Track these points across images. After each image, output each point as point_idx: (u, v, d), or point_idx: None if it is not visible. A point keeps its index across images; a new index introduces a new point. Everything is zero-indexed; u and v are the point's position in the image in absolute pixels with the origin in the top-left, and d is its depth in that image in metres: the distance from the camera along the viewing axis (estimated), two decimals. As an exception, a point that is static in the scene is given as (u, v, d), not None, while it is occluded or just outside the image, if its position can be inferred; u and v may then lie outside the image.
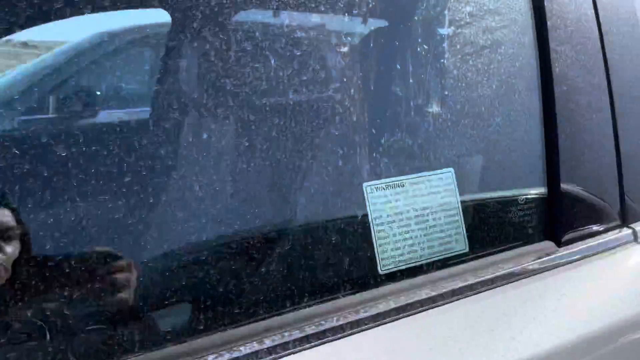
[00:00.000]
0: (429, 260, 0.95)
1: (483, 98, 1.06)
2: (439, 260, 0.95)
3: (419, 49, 1.01)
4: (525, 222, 1.06)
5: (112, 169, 0.74)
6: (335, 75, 0.91)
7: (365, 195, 0.91)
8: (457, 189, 0.98)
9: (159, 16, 0.87)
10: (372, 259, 0.90)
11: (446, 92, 1.01)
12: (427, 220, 0.96)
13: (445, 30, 1.06)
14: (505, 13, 1.14)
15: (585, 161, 1.14)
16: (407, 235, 0.93)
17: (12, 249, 0.65)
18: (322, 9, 0.92)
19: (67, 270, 0.68)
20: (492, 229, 1.03)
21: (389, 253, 0.91)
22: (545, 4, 1.15)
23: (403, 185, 0.94)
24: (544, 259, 1.04)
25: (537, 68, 1.13)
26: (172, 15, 0.88)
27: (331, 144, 0.89)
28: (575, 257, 1.07)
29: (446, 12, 1.06)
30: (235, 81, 0.82)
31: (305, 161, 0.87)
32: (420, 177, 0.96)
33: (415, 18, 1.05)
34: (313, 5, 0.90)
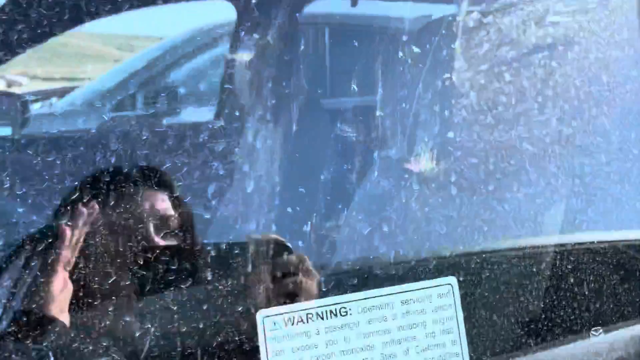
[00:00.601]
0: None
1: (535, 144, 0.59)
2: None
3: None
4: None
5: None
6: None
7: (261, 333, 0.47)
8: (460, 316, 0.52)
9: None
10: None
11: (450, 133, 0.54)
12: (393, 379, 0.51)
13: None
14: (598, 9, 0.65)
15: None
16: (345, 411, 0.49)
17: (172, 239, 0.59)
18: None
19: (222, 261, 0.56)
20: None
21: None
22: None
23: (345, 313, 0.50)
24: None
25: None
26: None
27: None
28: None
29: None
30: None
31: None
32: (382, 296, 0.51)
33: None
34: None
